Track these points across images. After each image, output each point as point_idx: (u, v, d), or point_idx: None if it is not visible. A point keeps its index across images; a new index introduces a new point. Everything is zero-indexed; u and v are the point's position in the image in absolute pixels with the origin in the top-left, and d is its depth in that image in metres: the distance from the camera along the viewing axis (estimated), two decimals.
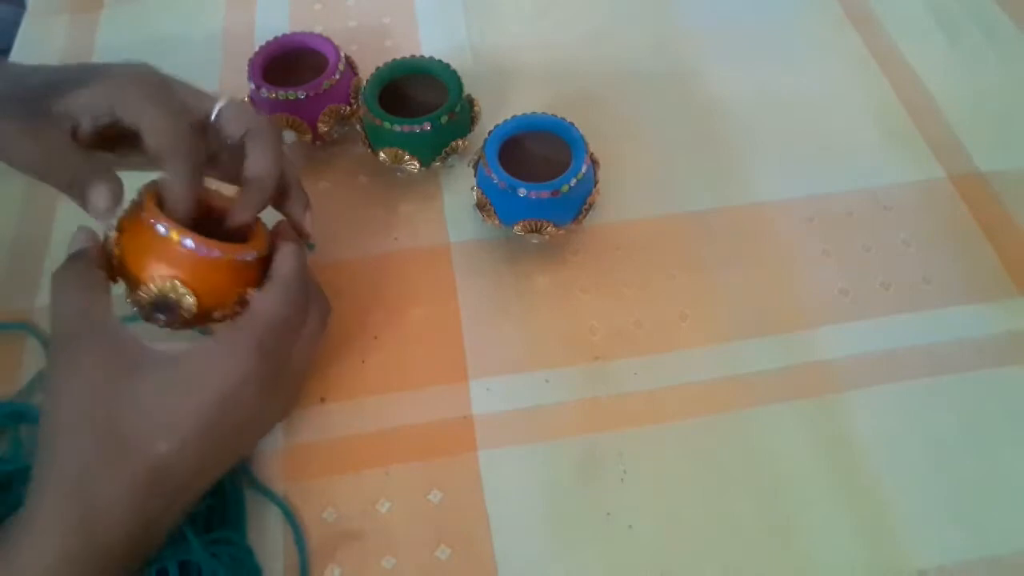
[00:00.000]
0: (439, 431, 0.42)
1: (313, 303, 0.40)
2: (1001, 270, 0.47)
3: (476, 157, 0.47)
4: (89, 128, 0.37)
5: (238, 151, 0.39)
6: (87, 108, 0.36)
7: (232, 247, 0.36)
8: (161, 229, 0.34)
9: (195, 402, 0.34)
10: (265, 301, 0.36)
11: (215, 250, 0.35)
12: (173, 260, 0.35)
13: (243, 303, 0.36)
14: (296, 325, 0.38)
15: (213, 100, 0.39)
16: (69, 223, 0.49)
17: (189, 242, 0.34)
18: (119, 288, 0.36)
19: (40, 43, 0.60)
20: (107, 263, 0.36)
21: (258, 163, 0.39)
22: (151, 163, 0.37)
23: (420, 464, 0.41)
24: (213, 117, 0.39)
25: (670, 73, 0.57)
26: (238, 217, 0.38)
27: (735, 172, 0.52)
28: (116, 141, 0.38)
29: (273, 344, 0.36)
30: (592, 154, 0.46)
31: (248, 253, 0.36)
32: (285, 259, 0.38)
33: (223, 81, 0.57)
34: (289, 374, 0.38)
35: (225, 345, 0.35)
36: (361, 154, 0.51)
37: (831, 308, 0.46)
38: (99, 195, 0.35)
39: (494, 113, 0.49)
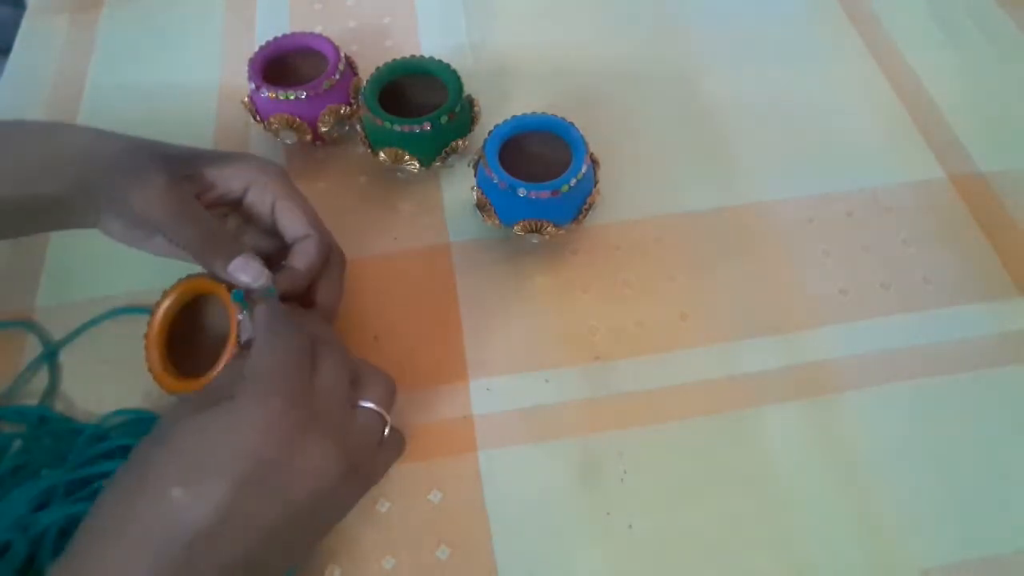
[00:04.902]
0: (439, 431, 0.42)
1: (365, 377, 0.36)
2: (1001, 270, 0.47)
3: (476, 157, 0.47)
4: (210, 203, 0.39)
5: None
6: (227, 180, 0.39)
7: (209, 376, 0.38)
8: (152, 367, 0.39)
9: (212, 450, 0.31)
10: (254, 355, 0.34)
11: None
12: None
13: None
14: (305, 365, 0.33)
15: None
16: None
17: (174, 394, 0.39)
18: None
19: (40, 43, 0.60)
20: None
21: (330, 293, 0.41)
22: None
23: (420, 464, 0.41)
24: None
25: (670, 73, 0.57)
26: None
27: (735, 172, 0.52)
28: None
29: (289, 389, 0.32)
30: (592, 154, 0.46)
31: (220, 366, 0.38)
32: (258, 315, 0.36)
33: (223, 81, 0.57)
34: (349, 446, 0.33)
35: (242, 397, 0.32)
36: (361, 154, 0.51)
37: (831, 308, 0.46)
38: (248, 270, 0.38)
39: (494, 113, 0.49)
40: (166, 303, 0.40)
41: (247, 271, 0.37)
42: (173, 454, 0.31)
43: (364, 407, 0.35)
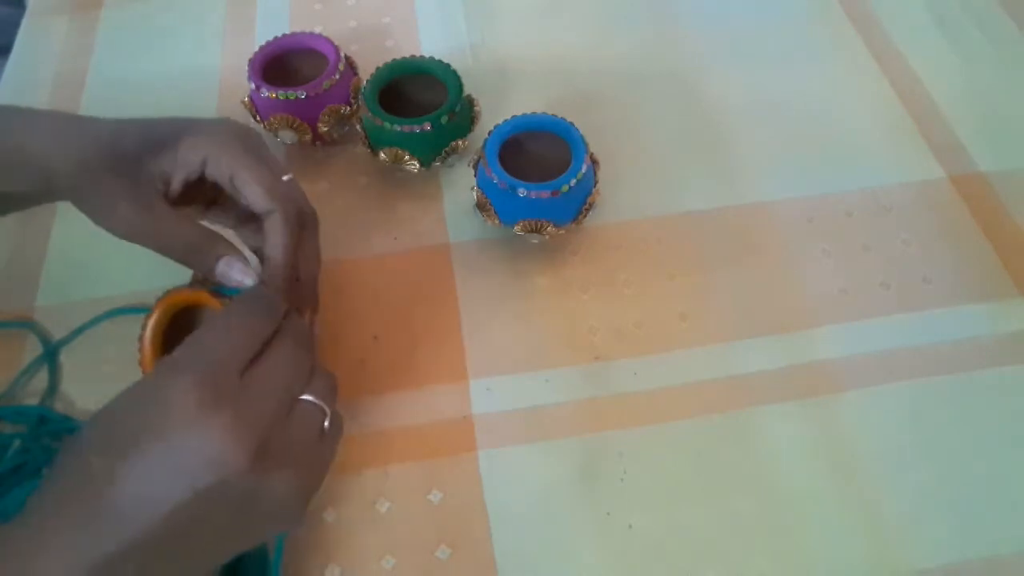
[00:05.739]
0: (439, 431, 0.42)
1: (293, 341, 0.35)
2: (1001, 270, 0.47)
3: (476, 157, 0.47)
4: (179, 187, 0.38)
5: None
6: (182, 164, 0.38)
7: None
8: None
9: (122, 422, 0.30)
10: (194, 333, 0.33)
11: None
12: None
13: None
14: (239, 348, 0.32)
15: (284, 171, 0.40)
16: (68, 223, 0.50)
17: None
18: None
19: (40, 43, 0.60)
20: None
21: (307, 261, 0.40)
22: (231, 220, 0.40)
23: (420, 464, 0.41)
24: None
25: (670, 73, 0.57)
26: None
27: (735, 172, 0.52)
28: (192, 199, 0.40)
29: (205, 367, 0.31)
30: (592, 154, 0.46)
31: None
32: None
33: (223, 81, 0.57)
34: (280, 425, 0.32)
35: (157, 371, 0.32)
36: (361, 154, 0.51)
37: (831, 308, 0.46)
38: (234, 270, 0.38)
39: (494, 113, 0.49)
40: (151, 322, 0.39)
41: (230, 275, 0.38)
42: (101, 424, 0.31)
43: (303, 399, 0.33)
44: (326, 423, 0.34)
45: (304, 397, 0.34)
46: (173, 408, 0.30)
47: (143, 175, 0.37)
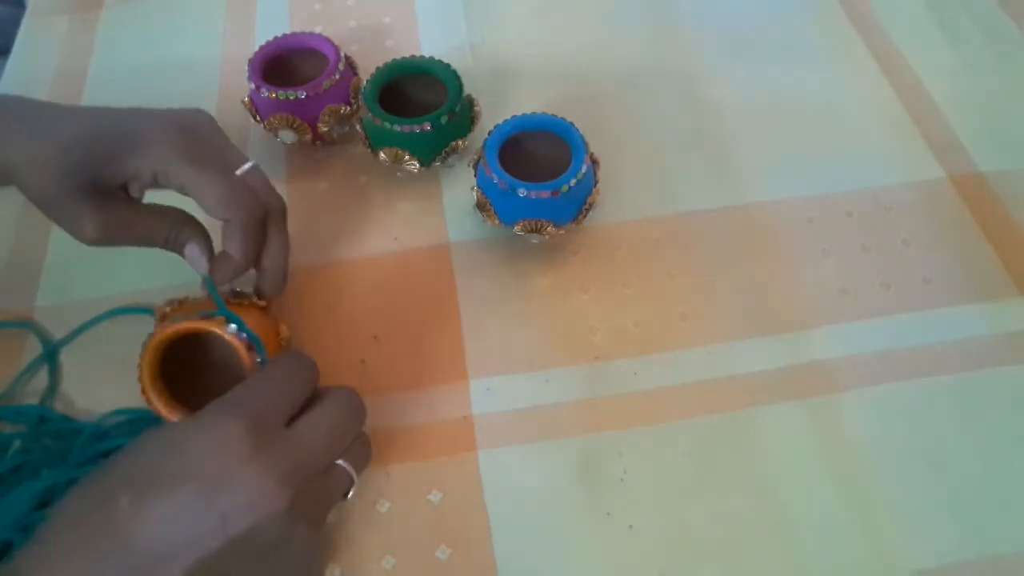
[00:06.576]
0: (439, 431, 0.42)
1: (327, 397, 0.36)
2: (1001, 270, 0.47)
3: (476, 157, 0.47)
4: (139, 194, 0.39)
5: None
6: (133, 176, 0.38)
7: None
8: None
9: (162, 464, 0.30)
10: (247, 380, 0.34)
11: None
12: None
13: None
14: (288, 401, 0.34)
15: (243, 160, 0.40)
16: None
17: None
18: None
19: (40, 43, 0.60)
20: None
21: (273, 255, 0.41)
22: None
23: (420, 464, 0.41)
24: (238, 173, 0.39)
25: (670, 73, 0.57)
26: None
27: (735, 172, 0.52)
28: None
29: (254, 415, 0.32)
30: (592, 154, 0.46)
31: None
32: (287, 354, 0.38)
33: (223, 81, 0.57)
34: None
35: (205, 414, 0.32)
36: (361, 154, 0.51)
37: (831, 308, 0.46)
38: (194, 256, 0.40)
39: (494, 113, 0.49)
40: (147, 355, 0.38)
41: (194, 262, 0.39)
42: (130, 464, 0.31)
43: (337, 464, 0.35)
44: (350, 493, 0.35)
45: (339, 462, 0.34)
46: (219, 448, 0.30)
47: (102, 184, 0.37)
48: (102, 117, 0.38)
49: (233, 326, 0.37)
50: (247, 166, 0.40)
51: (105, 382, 0.43)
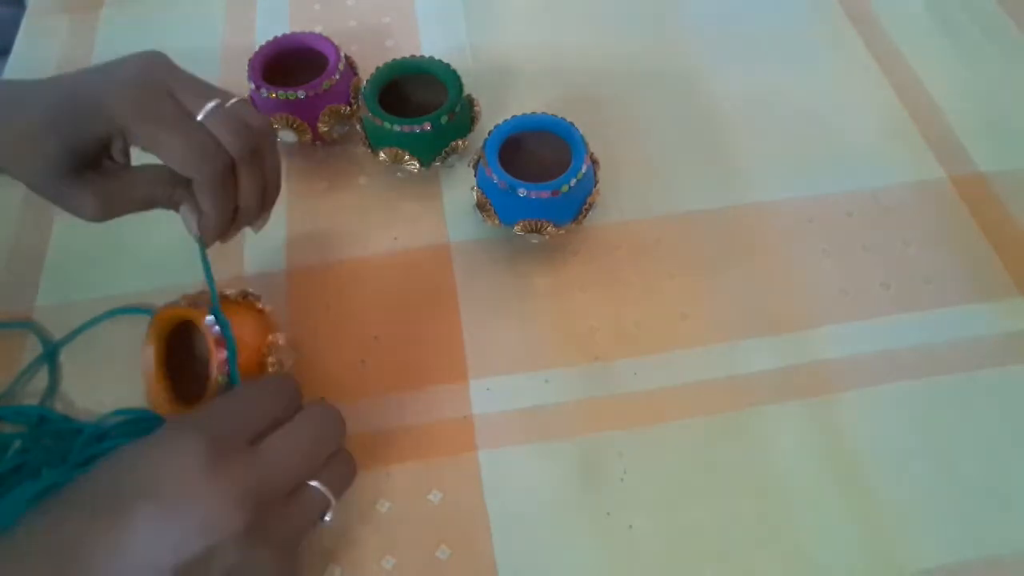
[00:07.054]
0: (439, 431, 0.42)
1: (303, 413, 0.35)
2: (1001, 270, 0.47)
3: (476, 157, 0.47)
4: (121, 157, 0.38)
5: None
6: (107, 144, 0.37)
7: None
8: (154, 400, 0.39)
9: (118, 481, 0.30)
10: (220, 396, 0.34)
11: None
12: None
13: None
14: (258, 418, 0.33)
15: (207, 97, 0.36)
16: (69, 222, 0.50)
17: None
18: None
19: (40, 43, 0.60)
20: None
21: (248, 188, 0.39)
22: None
23: (420, 464, 0.41)
24: (200, 118, 0.36)
25: (670, 73, 0.57)
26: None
27: (735, 172, 0.52)
28: None
29: (217, 433, 0.31)
30: (592, 154, 0.46)
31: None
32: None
33: (223, 81, 0.57)
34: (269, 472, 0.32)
35: (167, 430, 0.32)
36: (361, 154, 0.51)
37: (831, 308, 0.46)
38: (187, 217, 0.38)
39: (494, 113, 0.49)
40: (150, 346, 0.39)
41: (184, 222, 0.38)
42: (95, 480, 0.30)
43: (310, 485, 0.33)
44: (327, 516, 0.33)
45: (311, 483, 0.33)
46: (177, 466, 0.29)
47: (83, 156, 0.36)
48: (60, 87, 0.36)
49: (211, 317, 0.37)
50: (209, 106, 0.36)
51: (105, 382, 0.43)
